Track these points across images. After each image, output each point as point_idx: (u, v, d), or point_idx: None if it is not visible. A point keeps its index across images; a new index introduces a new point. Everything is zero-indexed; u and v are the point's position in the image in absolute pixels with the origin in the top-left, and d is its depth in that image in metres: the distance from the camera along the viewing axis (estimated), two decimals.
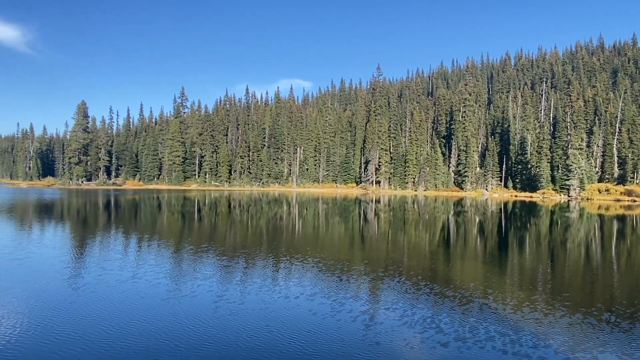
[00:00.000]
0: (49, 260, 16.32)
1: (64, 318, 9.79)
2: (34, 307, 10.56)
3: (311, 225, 32.30)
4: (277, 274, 14.63)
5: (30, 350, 8.06)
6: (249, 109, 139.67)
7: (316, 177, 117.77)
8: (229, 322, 9.84)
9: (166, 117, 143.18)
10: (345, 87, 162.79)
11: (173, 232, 26.99)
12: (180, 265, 16.01)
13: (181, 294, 11.93)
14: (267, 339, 8.87)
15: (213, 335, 8.98)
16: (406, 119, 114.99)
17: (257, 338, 8.91)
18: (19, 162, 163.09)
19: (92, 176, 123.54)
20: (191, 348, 8.34)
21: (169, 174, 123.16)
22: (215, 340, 8.73)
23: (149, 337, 8.80)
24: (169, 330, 9.21)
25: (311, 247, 21.00)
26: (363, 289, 12.97)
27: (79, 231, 26.51)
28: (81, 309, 10.46)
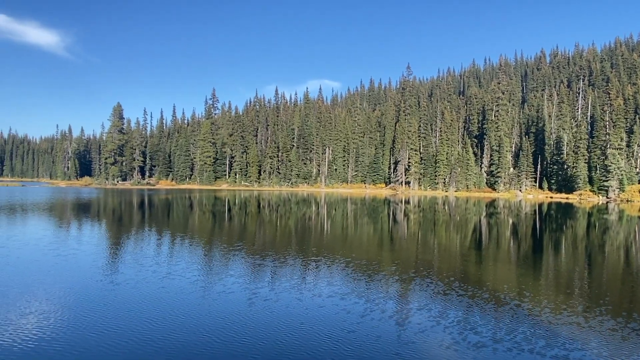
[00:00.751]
0: (90, 257, 16.96)
1: (105, 312, 10.18)
2: (77, 301, 11.02)
3: (340, 226, 32.32)
4: (307, 273, 14.73)
5: (74, 342, 8.41)
6: (278, 110, 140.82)
7: (345, 178, 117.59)
8: (263, 318, 10.00)
9: (198, 118, 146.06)
10: (375, 87, 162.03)
11: (205, 231, 27.53)
12: (212, 263, 16.33)
13: (215, 290, 12.18)
14: (301, 336, 8.97)
15: (248, 331, 9.14)
16: (437, 119, 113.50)
17: (292, 335, 9.02)
18: (58, 163, 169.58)
19: (127, 176, 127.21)
20: (227, 343, 8.52)
21: (200, 174, 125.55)
22: (250, 336, 8.88)
23: (184, 331, 9.03)
24: (204, 325, 9.42)
25: (340, 247, 21.03)
26: (394, 290, 12.92)
27: (116, 229, 27.40)
28: (121, 303, 10.84)
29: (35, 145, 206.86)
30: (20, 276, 13.45)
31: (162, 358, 7.83)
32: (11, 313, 9.99)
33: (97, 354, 7.90)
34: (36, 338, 8.54)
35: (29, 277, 13.42)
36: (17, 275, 13.60)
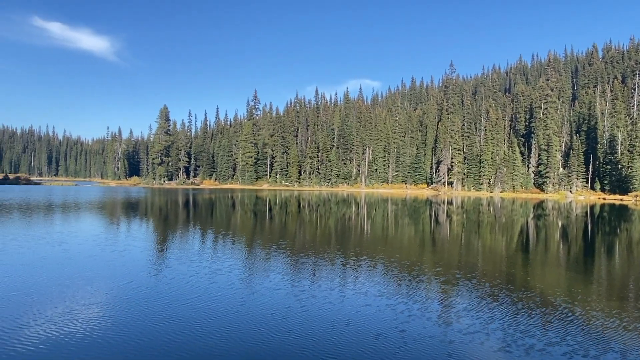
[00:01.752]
0: (143, 253, 17.67)
1: (157, 305, 10.55)
2: (127, 296, 11.47)
3: (381, 226, 31.99)
4: (349, 273, 14.65)
5: (121, 335, 8.73)
6: (318, 110, 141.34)
7: (385, 178, 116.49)
8: (309, 315, 10.05)
9: (240, 119, 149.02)
10: (416, 86, 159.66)
11: (247, 229, 27.97)
12: (255, 261, 16.55)
13: (259, 287, 12.32)
14: (349, 334, 8.93)
15: (294, 328, 9.18)
16: (481, 117, 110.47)
17: (340, 333, 9.00)
18: (109, 163, 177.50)
19: (172, 176, 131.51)
20: (274, 339, 8.57)
21: (242, 174, 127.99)
22: (298, 333, 8.90)
23: (230, 327, 9.16)
24: (250, 322, 9.53)
25: (381, 248, 20.80)
26: (439, 291, 12.61)
27: (165, 227, 28.37)
28: (166, 298, 11.19)
29: (88, 147, 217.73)
30: (82, 270, 14.24)
31: (210, 352, 7.98)
32: (75, 304, 10.63)
33: (147, 345, 8.16)
34: (99, 327, 8.96)
35: (90, 271, 14.17)
36: (80, 269, 14.39)
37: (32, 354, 7.67)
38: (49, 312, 9.90)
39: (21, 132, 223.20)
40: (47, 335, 8.55)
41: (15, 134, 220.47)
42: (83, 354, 7.75)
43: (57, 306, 10.35)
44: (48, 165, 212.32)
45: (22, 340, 8.25)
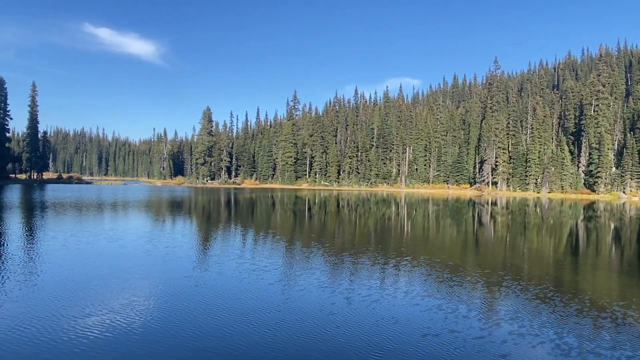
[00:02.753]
0: (192, 249, 18.27)
1: (201, 300, 10.82)
2: (179, 289, 11.85)
3: (421, 227, 31.50)
4: (390, 273, 14.50)
5: (162, 330, 9.02)
6: (358, 110, 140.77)
7: (426, 178, 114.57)
8: (351, 313, 10.05)
9: (280, 119, 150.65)
10: (458, 83, 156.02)
11: (287, 228, 28.25)
12: (295, 259, 16.68)
13: (300, 286, 12.42)
14: (397, 334, 8.85)
15: (337, 327, 9.18)
16: (527, 115, 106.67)
17: (388, 332, 8.93)
18: (155, 163, 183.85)
19: (215, 175, 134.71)
20: (318, 338, 8.61)
21: (282, 174, 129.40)
22: (342, 332, 8.90)
23: (271, 325, 9.28)
24: (292, 320, 9.61)
25: (422, 249, 20.47)
26: (482, 293, 12.28)
27: (209, 225, 29.15)
28: (214, 294, 11.47)
29: (135, 147, 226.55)
30: (138, 265, 14.94)
31: (257, 347, 8.11)
32: (133, 295, 11.23)
33: (197, 337, 8.39)
34: (155, 318, 9.33)
35: (145, 265, 14.84)
36: (136, 264, 15.09)
37: (98, 341, 8.07)
38: (112, 303, 10.45)
39: (73, 133, 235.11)
40: (111, 324, 8.98)
41: (68, 136, 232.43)
42: (141, 342, 8.09)
43: (117, 298, 10.92)
44: (98, 165, 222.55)
45: (91, 328, 8.71)
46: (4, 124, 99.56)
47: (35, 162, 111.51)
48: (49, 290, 11.49)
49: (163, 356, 7.67)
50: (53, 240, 19.51)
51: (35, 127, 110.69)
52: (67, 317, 9.37)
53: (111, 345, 8.00)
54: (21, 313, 9.55)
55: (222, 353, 7.85)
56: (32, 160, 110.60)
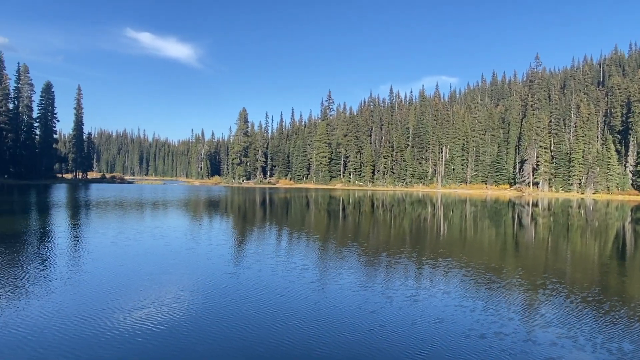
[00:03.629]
0: (229, 247, 18.60)
1: (234, 298, 10.96)
2: (210, 287, 12.05)
3: (458, 228, 30.82)
4: (422, 276, 14.23)
5: (195, 326, 9.16)
6: (393, 109, 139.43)
7: (463, 178, 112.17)
8: (390, 312, 9.97)
9: (314, 120, 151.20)
10: (497, 81, 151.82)
11: (321, 228, 28.27)
12: (329, 259, 16.66)
13: (334, 285, 12.37)
14: (432, 332, 8.71)
15: (379, 324, 9.09)
16: (571, 113, 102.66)
17: (424, 331, 8.79)
18: (193, 163, 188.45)
19: (250, 175, 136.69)
20: (350, 340, 8.53)
21: (316, 174, 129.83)
22: (380, 330, 8.81)
23: (303, 326, 9.26)
24: (326, 318, 9.58)
25: (459, 250, 20.01)
26: (521, 297, 11.85)
27: (247, 224, 29.65)
28: (247, 291, 11.58)
29: (174, 148, 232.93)
30: (183, 261, 15.42)
31: (295, 346, 8.12)
32: (181, 290, 11.64)
33: (230, 333, 8.49)
34: (198, 312, 9.51)
35: (189, 262, 15.31)
36: (181, 260, 15.54)
37: (148, 333, 8.31)
38: (162, 297, 10.83)
39: (116, 135, 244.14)
40: (161, 317, 9.28)
41: (110, 137, 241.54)
42: (187, 336, 8.26)
43: (167, 292, 11.31)
44: (139, 165, 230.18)
45: (142, 320, 9.00)
46: (51, 127, 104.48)
47: (80, 163, 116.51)
48: (103, 284, 12.04)
49: (206, 349, 7.80)
50: (103, 236, 20.41)
51: (80, 128, 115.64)
52: (121, 310, 9.74)
53: (160, 337, 8.22)
54: (77, 305, 9.98)
55: (264, 349, 7.88)
56: (77, 161, 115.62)
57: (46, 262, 14.50)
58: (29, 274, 12.67)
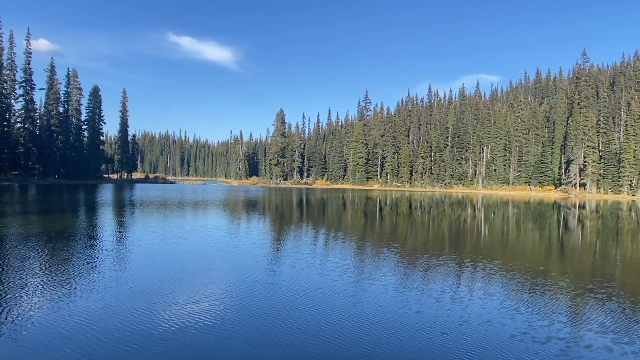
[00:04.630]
0: (265, 247, 18.80)
1: (269, 296, 10.99)
2: (248, 285, 12.17)
3: (499, 230, 29.88)
4: (464, 278, 13.83)
5: (240, 322, 9.22)
6: (431, 108, 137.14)
7: (505, 179, 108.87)
8: (432, 314, 9.76)
9: (351, 120, 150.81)
10: (542, 78, 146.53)
11: (357, 229, 28.10)
12: (364, 261, 16.50)
13: (368, 288, 12.20)
14: (478, 334, 8.45)
15: (409, 328, 8.89)
16: (620, 111, 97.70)
17: (469, 332, 8.53)
18: (232, 164, 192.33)
19: (287, 176, 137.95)
20: (399, 338, 8.39)
21: (352, 174, 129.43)
22: (411, 335, 8.61)
23: (337, 330, 9.16)
24: (358, 325, 9.44)
25: (500, 254, 19.36)
26: (567, 303, 11.30)
27: (280, 224, 29.91)
28: (283, 290, 11.60)
29: (214, 149, 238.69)
30: (228, 259, 15.80)
31: (331, 349, 8.04)
32: (228, 287, 11.92)
33: (267, 331, 8.51)
34: (243, 309, 9.63)
35: (234, 260, 15.66)
36: (226, 258, 15.92)
37: (201, 326, 8.52)
38: (212, 292, 11.22)
39: (159, 136, 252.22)
40: (207, 313, 9.45)
41: (154, 139, 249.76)
42: (231, 330, 8.35)
43: (215, 288, 11.67)
44: (181, 165, 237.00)
45: (194, 315, 9.24)
46: (98, 129, 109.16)
47: (125, 163, 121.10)
48: (157, 279, 12.55)
49: (250, 344, 7.86)
50: (153, 234, 21.15)
51: (125, 131, 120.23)
52: (174, 304, 10.07)
53: (209, 331, 8.39)
54: (132, 298, 10.33)
55: (308, 347, 7.86)
56: (122, 162, 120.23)
57: (101, 258, 15.11)
58: (86, 270, 13.25)
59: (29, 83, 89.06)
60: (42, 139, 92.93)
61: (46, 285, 11.35)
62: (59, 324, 8.60)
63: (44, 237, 19.43)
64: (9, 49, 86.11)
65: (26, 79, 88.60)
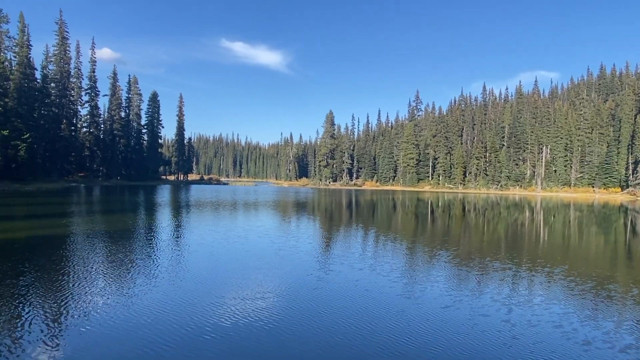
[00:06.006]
0: (317, 247, 19.00)
1: (322, 296, 11.03)
2: (299, 287, 12.27)
3: (560, 235, 28.36)
4: (518, 286, 13.19)
5: (293, 320, 9.31)
6: (486, 107, 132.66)
7: (566, 180, 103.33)
8: (480, 324, 9.37)
9: (401, 120, 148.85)
10: (606, 74, 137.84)
11: (408, 231, 27.63)
12: (415, 264, 16.18)
13: (417, 292, 11.95)
14: (539, 345, 8.11)
15: (466, 336, 8.62)
16: None
17: (510, 348, 8.17)
18: (282, 166, 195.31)
19: (337, 177, 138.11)
20: (443, 346, 8.19)
21: (403, 176, 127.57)
22: (468, 342, 8.34)
23: (385, 333, 9.03)
24: (401, 326, 9.28)
25: (561, 259, 18.34)
26: (633, 315, 10.49)
27: (332, 225, 30.05)
28: (325, 293, 11.58)
29: (265, 151, 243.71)
30: (287, 258, 16.18)
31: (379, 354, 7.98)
32: (287, 286, 12.16)
33: (315, 332, 8.55)
34: (295, 307, 9.82)
35: (293, 258, 16.04)
36: (285, 258, 16.23)
37: (260, 322, 8.74)
38: (272, 289, 11.50)
39: (213, 139, 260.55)
40: (273, 308, 9.69)
41: (208, 141, 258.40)
42: (284, 327, 8.50)
43: (275, 286, 11.98)
44: (233, 167, 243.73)
45: (256, 311, 9.44)
46: (157, 133, 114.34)
47: (182, 165, 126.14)
48: (220, 276, 13.15)
49: (300, 342, 7.94)
50: (216, 233, 22.09)
51: (182, 134, 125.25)
52: (238, 299, 10.51)
53: (264, 328, 8.54)
54: (196, 293, 10.81)
55: (349, 352, 7.83)
56: (179, 164, 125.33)
57: (168, 256, 15.94)
58: (154, 266, 14.01)
59: (94, 90, 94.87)
60: (106, 143, 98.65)
61: (117, 280, 12.08)
62: (127, 317, 9.07)
63: (113, 234, 20.73)
64: (76, 58, 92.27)
65: (91, 86, 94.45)
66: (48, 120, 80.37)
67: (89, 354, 7.35)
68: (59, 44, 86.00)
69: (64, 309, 9.49)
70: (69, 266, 13.74)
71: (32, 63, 76.93)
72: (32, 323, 8.58)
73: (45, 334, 8.05)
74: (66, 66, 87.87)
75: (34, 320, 8.73)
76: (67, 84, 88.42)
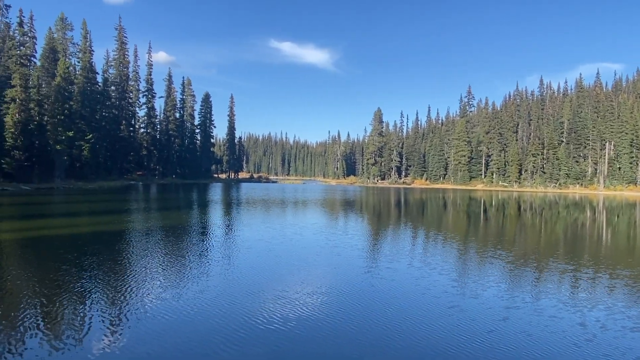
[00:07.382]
0: (367, 246, 19.06)
1: (370, 295, 11.06)
2: (350, 284, 12.32)
3: (625, 235, 26.68)
4: (577, 289, 12.54)
5: (341, 317, 9.36)
6: (543, 102, 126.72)
7: (632, 178, 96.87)
8: (533, 329, 9.02)
9: (452, 117, 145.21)
10: None
11: (459, 231, 26.97)
12: (465, 265, 15.78)
13: (467, 295, 11.64)
14: None
15: (517, 341, 8.35)
16: None
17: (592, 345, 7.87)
18: (329, 164, 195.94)
19: (385, 175, 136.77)
20: (507, 350, 7.98)
21: (454, 174, 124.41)
22: (536, 346, 8.09)
23: (435, 334, 8.89)
24: (449, 330, 9.08)
25: (624, 261, 17.25)
26: None
27: (385, 224, 30.01)
28: (386, 291, 11.55)
29: (312, 149, 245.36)
30: (344, 256, 16.25)
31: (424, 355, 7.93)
32: (341, 283, 12.33)
33: (362, 332, 8.54)
34: (343, 304, 9.88)
35: (349, 257, 16.14)
36: (341, 255, 16.42)
37: (310, 317, 8.86)
38: (327, 285, 11.52)
39: (262, 138, 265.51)
40: (326, 305, 9.78)
41: (257, 140, 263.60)
42: (332, 325, 8.61)
43: (332, 282, 12.11)
44: (282, 165, 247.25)
45: (309, 306, 9.59)
46: (209, 132, 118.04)
47: (232, 164, 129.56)
48: (278, 271, 13.59)
49: (346, 339, 8.01)
50: (272, 230, 22.99)
51: (233, 133, 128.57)
52: (298, 294, 10.76)
53: (314, 324, 8.67)
54: (256, 287, 11.20)
55: (397, 353, 7.79)
56: (230, 162, 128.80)
57: (230, 251, 16.76)
58: (219, 261, 14.68)
59: (151, 92, 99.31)
60: (162, 143, 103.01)
61: (176, 273, 12.70)
62: (184, 309, 9.48)
63: (172, 230, 22.01)
64: (134, 62, 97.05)
65: (148, 88, 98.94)
66: (109, 122, 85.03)
67: (144, 343, 7.68)
68: (118, 49, 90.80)
69: (122, 299, 10.06)
70: (129, 259, 14.56)
71: (94, 67, 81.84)
72: (93, 311, 9.16)
73: (105, 323, 8.51)
74: (125, 70, 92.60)
75: (94, 308, 9.31)
76: (125, 86, 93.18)
